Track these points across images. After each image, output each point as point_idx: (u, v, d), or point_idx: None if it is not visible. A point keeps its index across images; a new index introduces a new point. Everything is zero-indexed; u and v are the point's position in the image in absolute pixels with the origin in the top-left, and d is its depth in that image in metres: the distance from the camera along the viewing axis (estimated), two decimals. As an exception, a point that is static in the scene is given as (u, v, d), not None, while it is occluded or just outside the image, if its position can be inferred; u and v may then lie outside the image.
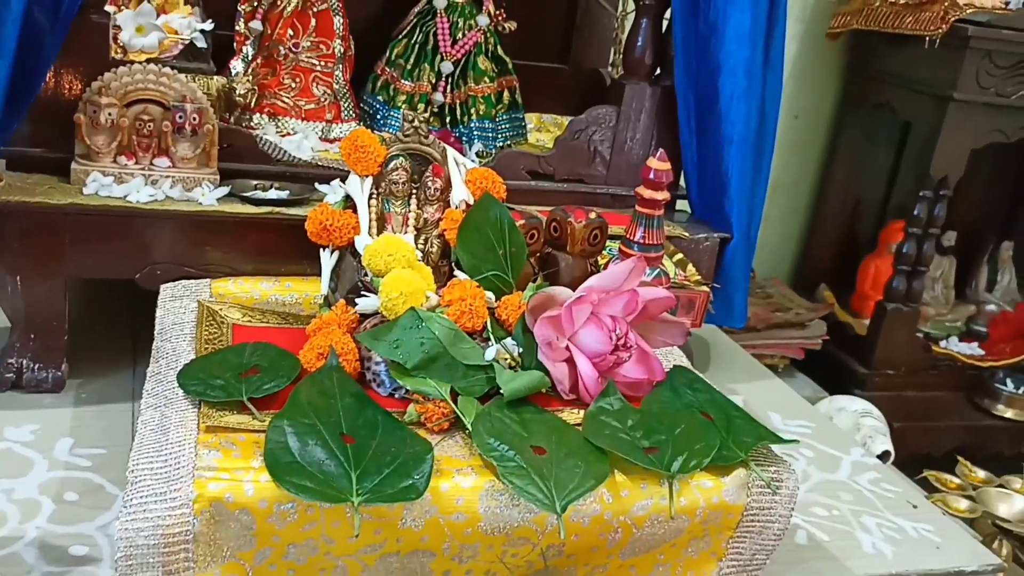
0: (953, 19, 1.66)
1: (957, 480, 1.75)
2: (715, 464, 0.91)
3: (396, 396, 0.95)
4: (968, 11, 1.66)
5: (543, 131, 1.63)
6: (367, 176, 1.06)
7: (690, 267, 1.27)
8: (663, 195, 1.12)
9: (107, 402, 1.15)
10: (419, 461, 0.83)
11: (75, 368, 1.17)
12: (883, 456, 1.54)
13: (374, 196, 1.07)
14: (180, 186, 1.17)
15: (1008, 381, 2.16)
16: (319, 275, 1.09)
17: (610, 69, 1.69)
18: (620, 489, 0.88)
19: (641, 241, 1.13)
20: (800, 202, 2.25)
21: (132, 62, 1.17)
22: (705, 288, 1.25)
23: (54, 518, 0.94)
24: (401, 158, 1.06)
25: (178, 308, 1.07)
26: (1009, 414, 2.15)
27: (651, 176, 1.10)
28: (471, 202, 1.08)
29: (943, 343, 2.06)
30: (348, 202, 1.07)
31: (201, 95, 1.18)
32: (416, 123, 1.07)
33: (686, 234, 1.37)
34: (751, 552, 0.96)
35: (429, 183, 1.07)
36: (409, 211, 1.08)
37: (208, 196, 1.16)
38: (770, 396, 1.47)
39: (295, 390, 0.88)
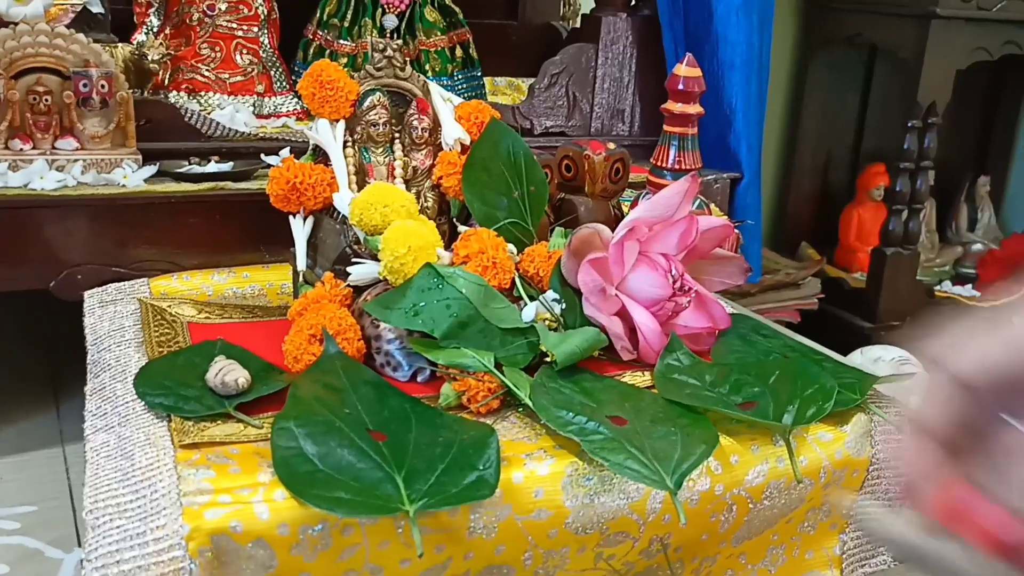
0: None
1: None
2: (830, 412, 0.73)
3: (419, 380, 0.74)
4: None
5: (498, 95, 1.44)
6: (338, 120, 0.85)
7: (712, 206, 1.09)
8: (696, 109, 0.92)
9: (29, 449, 0.90)
10: (481, 448, 0.62)
11: (-18, 413, 0.92)
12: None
13: (349, 144, 0.86)
14: (93, 170, 0.93)
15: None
16: (282, 260, 0.88)
17: (562, 22, 1.52)
18: (728, 455, 0.69)
19: (675, 167, 0.93)
20: (769, 158, 2.10)
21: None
22: (735, 229, 1.06)
23: (-19, 600, 0.70)
24: (379, 93, 0.85)
25: (113, 313, 0.84)
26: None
27: (680, 87, 0.90)
28: (467, 142, 0.87)
29: (937, 288, 1.93)
30: (317, 156, 0.86)
31: (108, 58, 0.96)
32: (388, 52, 0.87)
33: (693, 177, 1.19)
34: (877, 517, 0.78)
35: (415, 123, 0.87)
36: (394, 159, 0.87)
37: (133, 176, 0.93)
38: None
39: (293, 386, 0.67)
